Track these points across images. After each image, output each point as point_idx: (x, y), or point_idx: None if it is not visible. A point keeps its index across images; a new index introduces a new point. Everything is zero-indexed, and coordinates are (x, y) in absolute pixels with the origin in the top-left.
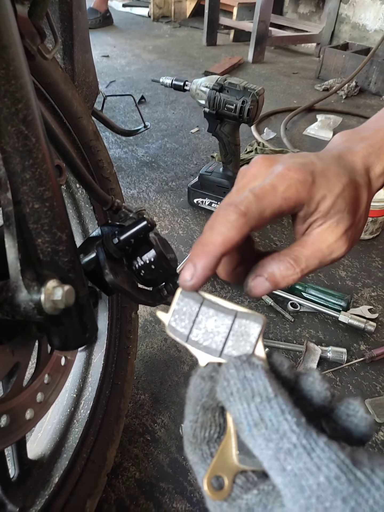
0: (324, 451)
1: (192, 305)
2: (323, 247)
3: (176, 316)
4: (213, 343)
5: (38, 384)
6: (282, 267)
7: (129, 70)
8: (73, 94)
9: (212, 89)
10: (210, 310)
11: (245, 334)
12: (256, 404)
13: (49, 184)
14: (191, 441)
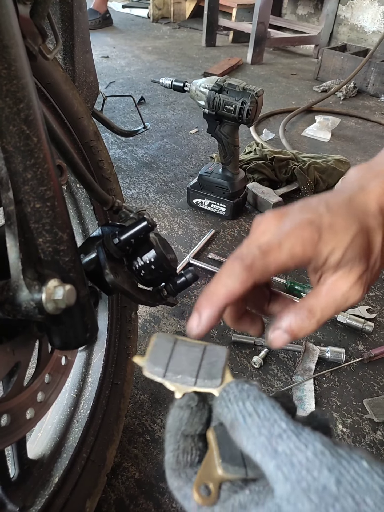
0: (310, 434)
1: (167, 346)
2: (337, 295)
3: (153, 356)
4: (187, 375)
5: (39, 384)
6: (299, 319)
7: (129, 71)
8: (74, 95)
9: (211, 90)
10: (183, 347)
11: (214, 362)
12: (251, 401)
13: (50, 184)
14: (174, 468)
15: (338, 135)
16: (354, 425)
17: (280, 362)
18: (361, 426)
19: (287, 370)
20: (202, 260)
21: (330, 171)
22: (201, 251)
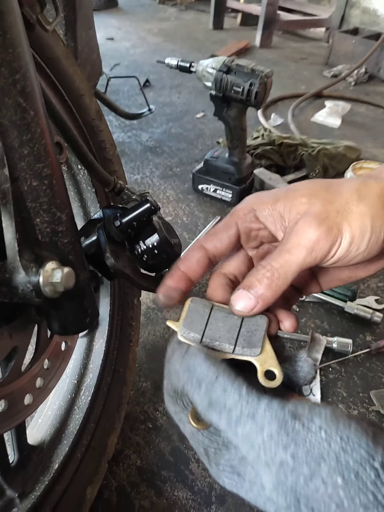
0: (265, 413)
1: (203, 311)
2: (291, 240)
3: (189, 320)
4: (225, 342)
5: (38, 369)
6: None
7: (134, 53)
8: (75, 71)
9: (219, 70)
10: (221, 313)
11: (254, 330)
12: (203, 390)
13: (48, 161)
14: (172, 395)
15: (348, 122)
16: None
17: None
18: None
19: None
20: None
21: (340, 158)
22: None
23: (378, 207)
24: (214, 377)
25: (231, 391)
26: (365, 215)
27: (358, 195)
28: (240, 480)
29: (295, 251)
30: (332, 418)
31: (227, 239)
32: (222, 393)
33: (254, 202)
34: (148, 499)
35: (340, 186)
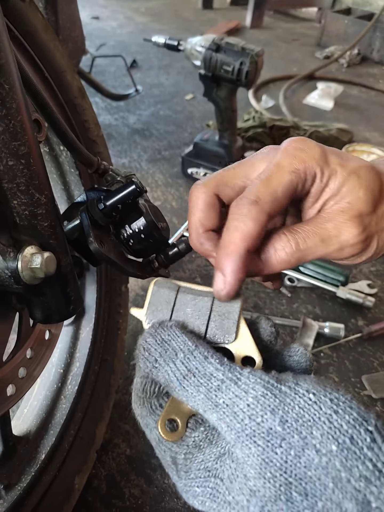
0: (249, 378)
1: (168, 294)
2: (328, 225)
3: (153, 307)
4: (195, 328)
5: (20, 359)
6: (275, 238)
7: (121, 33)
8: (56, 46)
9: (208, 49)
10: (188, 296)
11: (226, 313)
12: (180, 359)
13: (24, 139)
14: (139, 395)
15: (340, 104)
16: None
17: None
18: None
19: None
20: None
21: (332, 141)
22: None
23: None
24: (193, 347)
25: (211, 359)
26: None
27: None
28: (217, 482)
29: (329, 242)
30: (318, 382)
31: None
32: (202, 360)
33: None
34: (138, 487)
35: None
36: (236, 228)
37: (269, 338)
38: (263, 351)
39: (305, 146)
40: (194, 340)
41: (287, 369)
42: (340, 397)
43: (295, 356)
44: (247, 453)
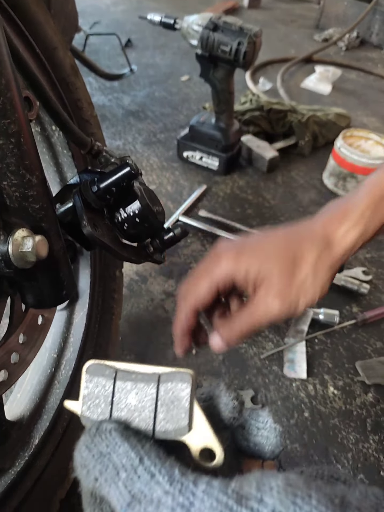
0: (204, 501)
1: (104, 384)
2: (260, 306)
3: (89, 402)
4: (141, 423)
5: (12, 344)
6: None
7: (115, 11)
8: (47, 20)
9: (205, 28)
10: (127, 384)
11: (175, 400)
12: (123, 480)
13: (14, 117)
14: (89, 500)
15: (338, 88)
16: (346, 387)
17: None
18: (352, 388)
19: (278, 332)
20: (192, 217)
21: (330, 126)
22: (192, 208)
23: (325, 280)
24: (136, 461)
25: (159, 477)
26: (316, 293)
27: (313, 273)
28: None
29: (259, 318)
30: (287, 491)
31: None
32: (148, 481)
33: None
34: None
35: (302, 257)
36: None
37: (231, 415)
38: (227, 428)
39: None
40: (138, 449)
41: (255, 445)
42: (313, 510)
43: (264, 430)
44: None
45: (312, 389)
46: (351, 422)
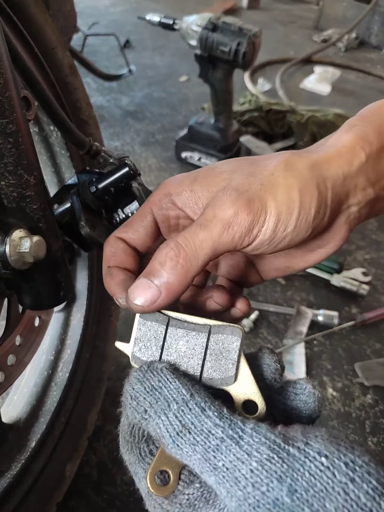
0: (253, 436)
1: (157, 329)
2: (206, 212)
3: (140, 344)
4: (188, 368)
5: (9, 346)
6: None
7: (114, 12)
8: (46, 20)
9: (204, 28)
10: (179, 331)
11: (224, 351)
12: (174, 411)
13: (13, 116)
14: (127, 439)
15: (337, 89)
16: (344, 388)
17: (271, 325)
18: (351, 389)
19: (277, 334)
20: None
21: (329, 126)
22: None
23: (307, 179)
24: (188, 396)
25: (209, 411)
26: (292, 188)
27: (285, 166)
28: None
29: (209, 225)
30: (331, 438)
31: (143, 230)
32: (199, 414)
33: (170, 186)
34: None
35: (267, 159)
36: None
37: (273, 376)
38: (266, 389)
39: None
40: (188, 387)
41: (292, 409)
42: (357, 460)
43: (302, 395)
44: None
45: None
46: (350, 423)
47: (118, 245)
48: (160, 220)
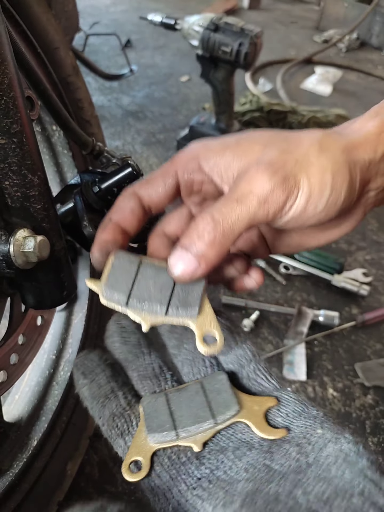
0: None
1: (129, 267)
2: (240, 185)
3: (112, 280)
4: (156, 304)
5: (12, 345)
6: (198, 227)
7: (115, 11)
8: (48, 19)
9: (206, 28)
10: (149, 270)
11: (190, 290)
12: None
13: (17, 116)
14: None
15: (339, 89)
16: (345, 389)
17: (272, 325)
18: (351, 390)
19: (278, 334)
20: None
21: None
22: None
23: (340, 163)
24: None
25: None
26: (326, 170)
27: (319, 147)
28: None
29: (245, 200)
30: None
31: (163, 189)
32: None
33: (199, 149)
34: None
35: (300, 136)
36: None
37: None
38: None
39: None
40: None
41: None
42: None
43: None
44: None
45: (311, 391)
46: (350, 424)
47: (130, 202)
48: (183, 183)
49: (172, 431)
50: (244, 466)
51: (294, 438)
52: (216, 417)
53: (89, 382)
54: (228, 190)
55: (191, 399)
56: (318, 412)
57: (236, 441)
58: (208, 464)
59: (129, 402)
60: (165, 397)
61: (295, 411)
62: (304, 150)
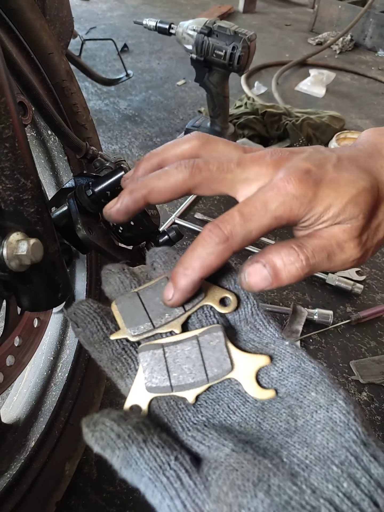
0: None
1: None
2: (332, 242)
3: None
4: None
5: (8, 347)
6: (284, 252)
7: (111, 16)
8: (42, 25)
9: (200, 32)
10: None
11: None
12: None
13: (9, 121)
14: (110, 376)
15: (332, 91)
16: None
17: None
18: (346, 387)
19: None
20: (188, 220)
21: (324, 128)
22: (187, 211)
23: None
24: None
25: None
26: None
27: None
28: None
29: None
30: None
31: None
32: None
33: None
34: None
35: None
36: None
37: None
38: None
39: (301, 183)
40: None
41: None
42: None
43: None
44: None
45: None
46: None
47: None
48: None
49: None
50: (237, 420)
51: (287, 397)
52: (209, 379)
53: (82, 331)
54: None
55: (184, 353)
56: (315, 369)
57: (231, 391)
58: (204, 412)
59: (124, 347)
60: (162, 349)
61: (290, 366)
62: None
